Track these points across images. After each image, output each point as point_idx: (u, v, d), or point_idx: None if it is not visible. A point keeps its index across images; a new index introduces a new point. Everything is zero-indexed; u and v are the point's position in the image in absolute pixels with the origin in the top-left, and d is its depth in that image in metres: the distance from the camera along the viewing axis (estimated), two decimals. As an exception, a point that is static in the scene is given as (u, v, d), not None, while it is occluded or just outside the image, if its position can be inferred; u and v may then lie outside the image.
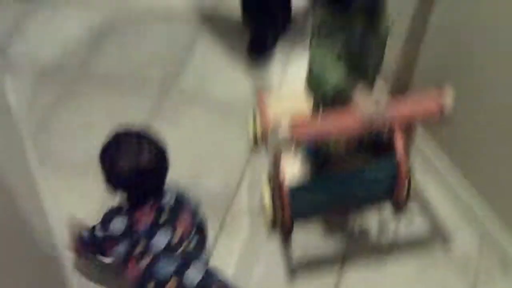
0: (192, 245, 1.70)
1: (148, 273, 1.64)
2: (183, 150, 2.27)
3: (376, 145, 1.95)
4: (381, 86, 1.80)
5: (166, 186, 1.73)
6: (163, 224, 1.67)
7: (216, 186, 2.23)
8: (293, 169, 1.92)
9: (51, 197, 1.69)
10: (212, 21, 2.86)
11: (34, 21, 2.91)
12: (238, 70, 2.63)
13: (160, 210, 1.68)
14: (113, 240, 1.67)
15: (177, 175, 1.79)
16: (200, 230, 1.78)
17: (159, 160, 1.67)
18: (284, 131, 1.56)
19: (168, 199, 1.72)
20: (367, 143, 1.83)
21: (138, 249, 1.65)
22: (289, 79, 2.57)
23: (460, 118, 1.68)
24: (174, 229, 1.67)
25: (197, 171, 2.26)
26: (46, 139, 2.38)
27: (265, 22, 2.64)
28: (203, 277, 1.64)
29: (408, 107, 1.64)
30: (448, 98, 1.59)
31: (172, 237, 1.66)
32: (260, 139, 2.26)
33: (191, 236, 1.71)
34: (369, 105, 1.57)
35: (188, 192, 1.81)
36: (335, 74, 1.60)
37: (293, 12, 2.74)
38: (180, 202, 1.75)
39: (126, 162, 1.62)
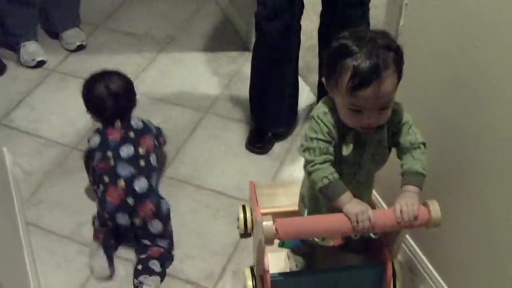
0: (152, 162, 2.22)
1: (110, 171, 2.14)
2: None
3: (365, 244, 1.93)
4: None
5: (133, 114, 2.27)
6: (130, 140, 2.19)
7: (199, 275, 2.22)
8: (278, 261, 1.89)
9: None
10: (217, 109, 2.93)
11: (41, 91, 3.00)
12: (235, 160, 2.67)
13: (128, 129, 2.21)
14: (93, 151, 2.21)
15: None
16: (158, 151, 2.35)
17: (126, 87, 2.27)
18: (268, 230, 1.54)
19: (135, 122, 2.25)
20: (356, 241, 1.79)
21: (108, 154, 2.17)
22: (283, 174, 2.60)
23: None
24: (138, 145, 2.19)
25: (180, 257, 2.27)
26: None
27: (267, 119, 2.69)
28: (148, 190, 2.13)
29: (395, 217, 1.62)
30: (435, 212, 1.60)
31: (136, 150, 2.18)
32: (249, 230, 2.25)
33: (152, 154, 2.22)
34: (358, 210, 1.56)
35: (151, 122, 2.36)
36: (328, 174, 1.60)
37: (299, 111, 2.81)
38: (145, 126, 2.28)
39: (100, 87, 2.21)
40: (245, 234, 2.31)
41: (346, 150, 1.64)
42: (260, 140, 2.69)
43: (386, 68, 1.48)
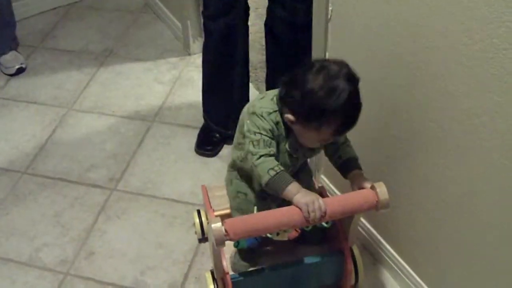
0: None
1: None
2: (127, 248, 2.34)
3: (322, 234, 1.96)
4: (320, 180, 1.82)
5: None
6: None
7: (162, 285, 2.22)
8: (236, 261, 1.90)
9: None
10: (163, 117, 2.92)
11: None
12: (186, 166, 2.67)
13: None
14: None
15: (121, 274, 1.98)
16: None
17: None
18: (217, 232, 1.54)
19: None
20: (311, 232, 1.80)
21: None
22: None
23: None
24: None
25: (141, 269, 2.27)
26: None
27: (217, 121, 2.71)
28: None
29: (345, 203, 1.66)
30: (383, 193, 1.63)
31: None
32: (206, 234, 2.25)
33: None
34: (308, 200, 1.58)
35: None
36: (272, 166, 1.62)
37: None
38: None
39: None
40: (203, 238, 2.31)
41: (287, 146, 1.66)
42: (209, 142, 2.69)
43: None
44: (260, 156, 1.62)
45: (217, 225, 1.58)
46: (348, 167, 1.75)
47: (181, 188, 2.56)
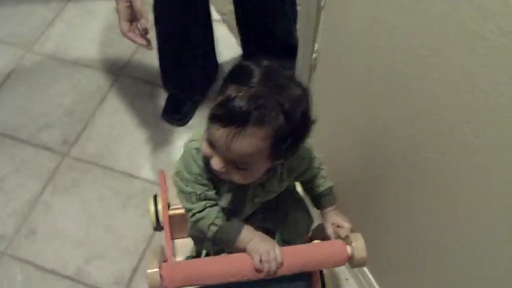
0: None
1: None
2: (73, 229, 2.10)
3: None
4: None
5: None
6: None
7: (107, 279, 2.00)
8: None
9: None
10: (131, 69, 2.60)
11: None
12: (150, 133, 2.37)
13: None
14: None
15: (63, 260, 1.91)
16: None
17: None
18: (152, 279, 1.27)
19: None
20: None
21: None
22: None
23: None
24: None
25: (86, 256, 2.04)
26: None
27: (183, 87, 2.35)
28: None
29: (308, 256, 1.35)
30: (359, 250, 1.33)
31: None
32: (162, 223, 1.97)
33: None
34: (262, 249, 1.30)
35: None
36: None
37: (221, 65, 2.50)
38: None
39: None
40: (159, 227, 2.05)
41: (225, 201, 1.35)
42: (178, 110, 2.37)
43: (256, 125, 1.11)
44: (195, 214, 1.33)
45: (152, 271, 1.30)
46: (320, 203, 1.49)
47: (140, 160, 2.28)
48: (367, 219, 1.67)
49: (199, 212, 1.34)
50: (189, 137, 1.35)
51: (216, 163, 1.18)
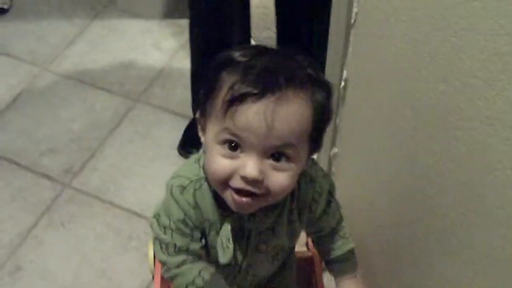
0: None
1: None
2: (63, 271, 1.84)
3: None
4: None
5: None
6: None
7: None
8: None
9: None
10: (151, 96, 2.35)
11: None
12: (163, 168, 2.09)
13: None
14: None
15: None
16: None
17: None
18: None
19: None
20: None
21: None
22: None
23: None
24: None
25: None
26: None
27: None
28: None
29: None
30: None
31: None
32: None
33: None
34: None
35: None
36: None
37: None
38: None
39: None
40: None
41: (225, 256, 1.06)
42: (196, 143, 2.08)
43: (294, 84, 0.89)
44: (170, 269, 1.05)
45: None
46: (336, 269, 1.21)
47: (148, 197, 2.01)
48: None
49: (176, 267, 1.05)
50: (172, 173, 1.07)
51: (252, 167, 0.91)
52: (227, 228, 1.04)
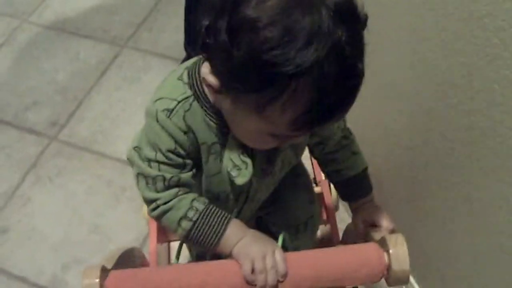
0: None
1: None
2: (52, 229, 1.73)
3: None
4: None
5: None
6: None
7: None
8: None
9: None
10: (138, 41, 2.20)
11: None
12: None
13: None
14: None
15: (37, 266, 1.57)
16: None
17: None
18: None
19: None
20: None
21: None
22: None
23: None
24: None
25: (64, 262, 1.66)
26: None
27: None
28: None
29: (324, 265, 0.88)
30: (399, 259, 0.85)
31: None
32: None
33: None
34: (256, 253, 0.86)
35: None
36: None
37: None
38: None
39: None
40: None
41: (242, 176, 0.91)
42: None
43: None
44: (158, 206, 0.90)
45: (88, 282, 0.88)
46: (350, 192, 1.03)
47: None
48: (415, 216, 1.22)
49: (166, 203, 0.91)
50: (151, 97, 0.91)
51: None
52: (234, 144, 0.89)
